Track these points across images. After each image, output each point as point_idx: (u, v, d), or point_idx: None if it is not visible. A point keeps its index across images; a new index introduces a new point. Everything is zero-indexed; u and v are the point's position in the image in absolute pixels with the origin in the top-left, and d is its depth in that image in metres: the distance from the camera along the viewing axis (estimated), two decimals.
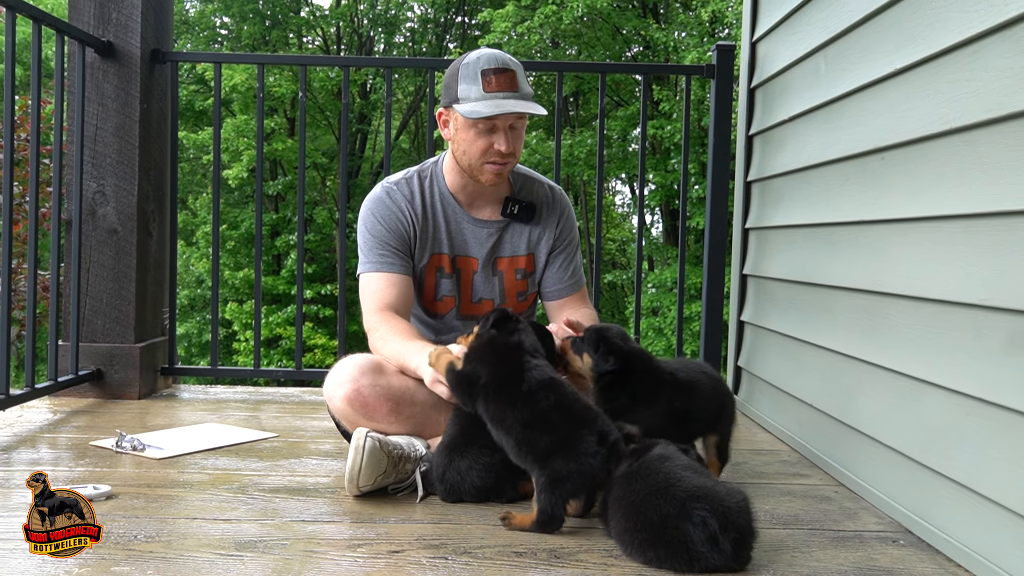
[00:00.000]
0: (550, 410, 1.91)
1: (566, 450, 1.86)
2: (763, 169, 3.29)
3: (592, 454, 1.86)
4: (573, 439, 1.87)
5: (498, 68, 2.33)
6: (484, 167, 2.40)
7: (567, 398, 1.93)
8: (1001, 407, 1.70)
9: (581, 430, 1.88)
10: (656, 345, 13.24)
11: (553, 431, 1.88)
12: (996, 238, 1.75)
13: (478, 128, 2.35)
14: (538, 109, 2.34)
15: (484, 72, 2.32)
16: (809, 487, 2.36)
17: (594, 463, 1.86)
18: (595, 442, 1.87)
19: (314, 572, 1.67)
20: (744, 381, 3.46)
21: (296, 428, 2.89)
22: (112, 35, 3.26)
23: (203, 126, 17.80)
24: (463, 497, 2.10)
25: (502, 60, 2.35)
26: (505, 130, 2.35)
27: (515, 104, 2.31)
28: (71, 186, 3.21)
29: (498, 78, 2.32)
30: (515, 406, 1.93)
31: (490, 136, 2.36)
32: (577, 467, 1.86)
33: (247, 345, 15.82)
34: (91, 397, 3.24)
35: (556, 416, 1.90)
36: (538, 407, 1.91)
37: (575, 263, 2.62)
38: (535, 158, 14.57)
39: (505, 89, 2.32)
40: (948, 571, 1.78)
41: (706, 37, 14.35)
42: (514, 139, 2.38)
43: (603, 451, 1.86)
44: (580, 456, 1.86)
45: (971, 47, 1.86)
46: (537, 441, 1.89)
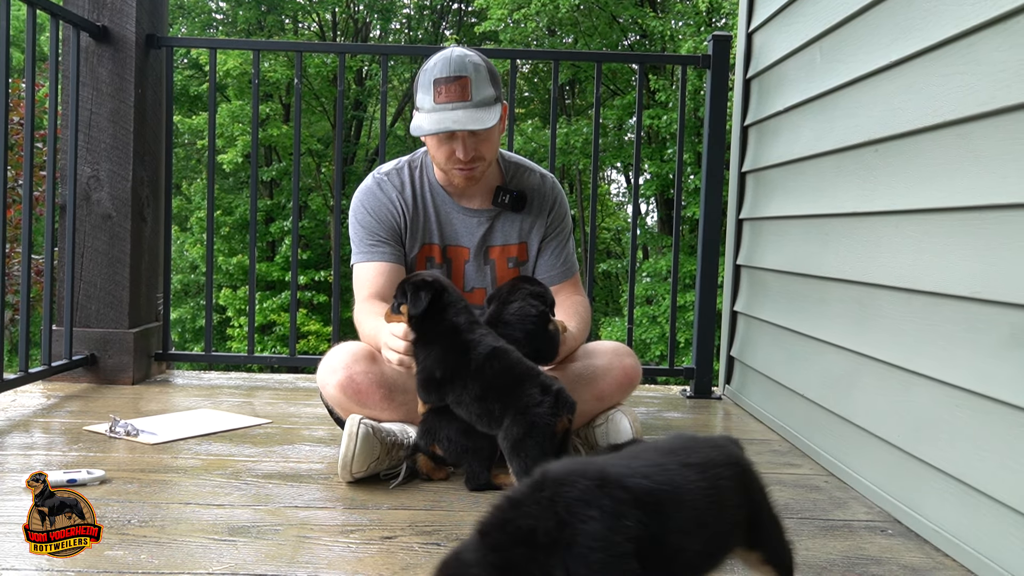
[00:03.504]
0: (495, 377, 2.01)
1: (514, 408, 1.97)
2: (758, 160, 3.29)
3: (537, 403, 1.96)
4: (518, 395, 1.98)
5: (450, 77, 2.28)
6: (453, 171, 2.40)
7: (510, 362, 2.04)
8: (991, 399, 1.72)
9: (523, 386, 1.99)
10: (650, 332, 13.27)
11: (502, 396, 2.00)
12: (989, 231, 1.76)
13: (438, 137, 2.34)
14: (478, 124, 2.26)
15: (436, 82, 2.29)
16: (799, 476, 2.38)
17: (540, 411, 1.96)
18: (538, 392, 1.97)
19: (307, 557, 1.68)
20: (736, 371, 3.48)
21: (289, 414, 2.89)
22: (107, 20, 3.25)
23: (198, 111, 17.72)
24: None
25: (459, 66, 2.29)
26: (464, 138, 2.32)
27: (457, 118, 2.26)
28: (65, 171, 3.20)
29: (448, 88, 2.27)
30: (467, 385, 2.03)
31: (450, 143, 2.34)
32: (528, 422, 1.95)
33: (241, 331, 15.81)
34: (85, 382, 3.25)
35: (502, 381, 2.00)
36: (485, 378, 2.01)
37: (567, 250, 2.61)
38: (531, 146, 14.57)
39: (455, 99, 2.27)
40: (936, 560, 1.80)
41: (703, 27, 14.33)
42: (477, 144, 2.34)
43: (548, 399, 1.96)
44: (526, 410, 1.96)
45: (965, 40, 1.87)
46: (492, 409, 2.00)
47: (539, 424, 1.95)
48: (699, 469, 1.22)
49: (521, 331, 2.21)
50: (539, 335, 2.24)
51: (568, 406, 1.99)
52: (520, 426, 1.96)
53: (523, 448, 1.95)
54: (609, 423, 2.41)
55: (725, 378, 3.57)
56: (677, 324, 4.88)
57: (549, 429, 1.96)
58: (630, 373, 2.47)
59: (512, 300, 2.27)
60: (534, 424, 1.95)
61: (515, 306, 2.25)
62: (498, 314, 2.25)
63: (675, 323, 3.72)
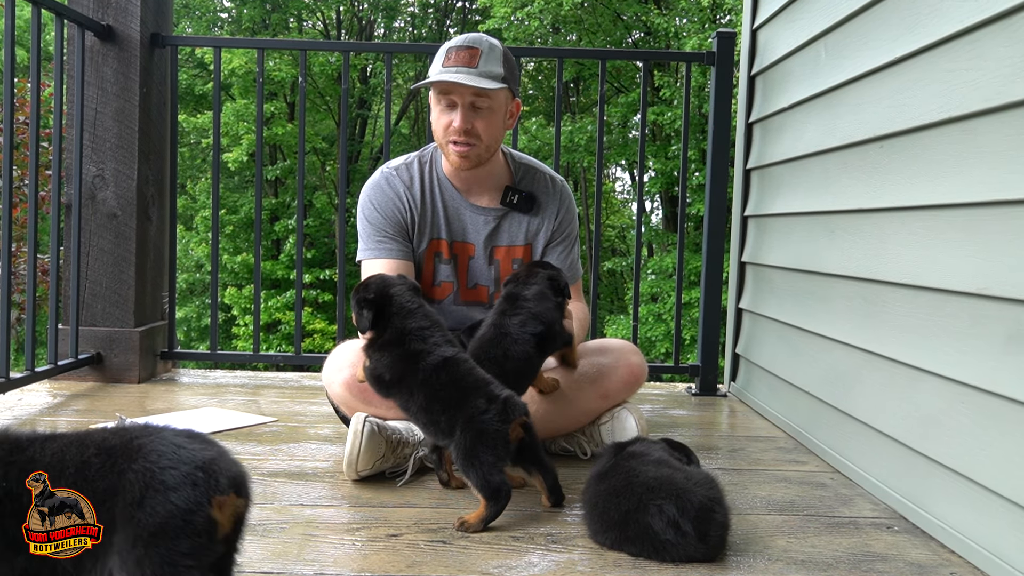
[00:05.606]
0: (442, 389, 1.95)
1: (461, 421, 1.90)
2: (762, 157, 3.29)
3: (483, 411, 1.89)
4: (464, 408, 1.91)
5: (462, 46, 2.32)
6: (448, 147, 2.39)
7: (459, 374, 1.97)
8: (997, 395, 1.71)
9: (469, 398, 1.92)
10: (655, 330, 13.26)
11: (447, 408, 1.93)
12: (995, 227, 1.76)
13: (441, 105, 2.36)
14: (479, 83, 2.27)
15: (449, 49, 2.34)
16: (805, 474, 2.37)
17: (486, 418, 1.88)
18: (484, 403, 1.90)
19: (313, 555, 1.68)
20: (742, 368, 3.48)
21: (295, 413, 2.90)
22: (112, 19, 3.26)
23: (202, 110, 17.75)
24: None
25: (474, 39, 2.34)
26: (464, 107, 2.32)
27: (455, 74, 2.28)
28: (70, 170, 3.21)
29: (458, 54, 2.31)
30: (414, 394, 1.97)
31: (450, 113, 2.35)
32: (476, 431, 1.88)
33: (246, 329, 15.83)
34: (91, 381, 3.26)
35: (448, 392, 1.94)
36: (432, 389, 1.95)
37: (572, 256, 2.58)
38: (535, 144, 14.56)
39: (461, 64, 2.30)
40: (942, 557, 1.79)
41: (707, 23, 14.30)
42: (475, 118, 2.34)
43: (494, 407, 1.89)
44: (472, 419, 1.89)
45: (971, 36, 1.86)
46: (438, 420, 1.94)
47: (488, 431, 1.87)
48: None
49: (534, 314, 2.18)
50: (554, 322, 2.22)
51: (517, 410, 1.91)
52: (469, 436, 1.88)
53: (475, 457, 1.87)
54: (615, 421, 2.41)
55: (731, 375, 3.57)
56: (682, 321, 4.88)
57: (501, 436, 1.88)
58: (636, 371, 2.46)
59: (531, 283, 2.24)
60: (483, 432, 1.87)
61: (533, 289, 2.22)
62: (515, 296, 2.22)
63: (680, 320, 3.71)
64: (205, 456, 1.21)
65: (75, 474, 1.21)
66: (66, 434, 1.29)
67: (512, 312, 2.19)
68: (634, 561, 1.70)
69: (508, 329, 2.16)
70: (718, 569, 1.68)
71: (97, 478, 1.20)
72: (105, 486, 1.19)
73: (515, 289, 2.25)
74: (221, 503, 1.19)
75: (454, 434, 1.91)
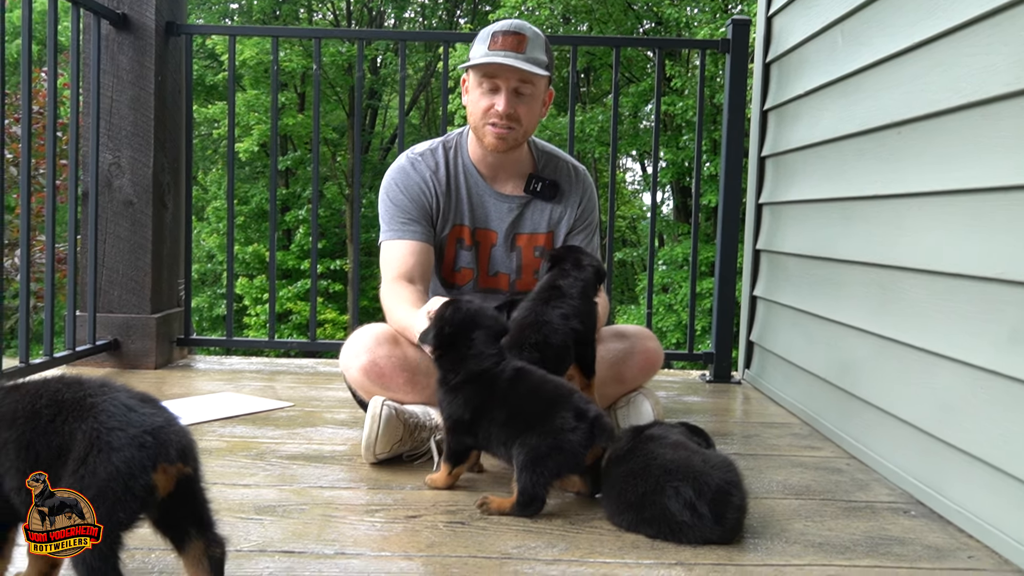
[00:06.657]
0: (520, 401, 1.88)
1: (542, 428, 1.82)
2: (777, 144, 3.28)
3: (571, 430, 1.82)
4: (548, 417, 1.83)
5: (508, 31, 2.34)
6: (486, 128, 2.39)
7: (534, 383, 1.91)
8: (1014, 379, 1.71)
9: (555, 408, 1.85)
10: (667, 321, 13.25)
11: (532, 425, 1.84)
12: (1013, 212, 1.75)
13: (482, 88, 2.37)
14: (529, 67, 2.30)
15: (495, 33, 2.35)
16: (821, 459, 2.38)
17: (573, 439, 1.81)
18: (572, 418, 1.82)
19: (333, 535, 1.70)
20: (756, 355, 3.48)
21: (311, 398, 2.91)
22: (127, 7, 3.27)
23: (213, 100, 17.78)
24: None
25: (519, 26, 2.36)
26: (508, 92, 2.35)
27: (504, 58, 2.31)
28: (87, 158, 3.22)
29: (505, 38, 2.33)
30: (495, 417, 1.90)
31: (492, 97, 2.36)
32: (555, 445, 1.81)
33: (258, 319, 15.90)
34: (108, 367, 3.28)
35: (530, 407, 1.87)
36: (511, 406, 1.88)
37: (593, 244, 2.58)
38: (546, 134, 14.52)
39: (509, 48, 2.32)
40: (959, 541, 1.80)
41: (719, 13, 14.24)
42: (518, 103, 2.36)
43: (583, 426, 1.82)
44: (557, 432, 1.82)
45: (991, 20, 1.86)
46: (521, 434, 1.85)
47: (567, 450, 1.81)
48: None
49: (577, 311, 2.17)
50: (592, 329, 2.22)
51: (604, 436, 1.84)
52: (546, 445, 1.81)
53: (543, 466, 1.80)
54: (631, 406, 2.41)
55: (744, 363, 3.57)
56: (695, 311, 4.88)
57: (577, 459, 1.82)
58: (652, 357, 2.47)
59: (578, 276, 2.22)
60: (561, 449, 1.81)
61: (579, 287, 2.21)
62: (559, 288, 2.21)
63: (694, 308, 3.71)
64: (154, 422, 1.24)
65: (25, 423, 1.24)
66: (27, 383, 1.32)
67: (556, 303, 2.17)
68: (651, 543, 1.71)
69: (549, 318, 2.14)
70: (735, 551, 1.68)
71: (49, 431, 1.23)
72: (59, 442, 1.22)
73: (560, 280, 2.22)
74: (166, 469, 1.23)
75: (524, 437, 1.83)
